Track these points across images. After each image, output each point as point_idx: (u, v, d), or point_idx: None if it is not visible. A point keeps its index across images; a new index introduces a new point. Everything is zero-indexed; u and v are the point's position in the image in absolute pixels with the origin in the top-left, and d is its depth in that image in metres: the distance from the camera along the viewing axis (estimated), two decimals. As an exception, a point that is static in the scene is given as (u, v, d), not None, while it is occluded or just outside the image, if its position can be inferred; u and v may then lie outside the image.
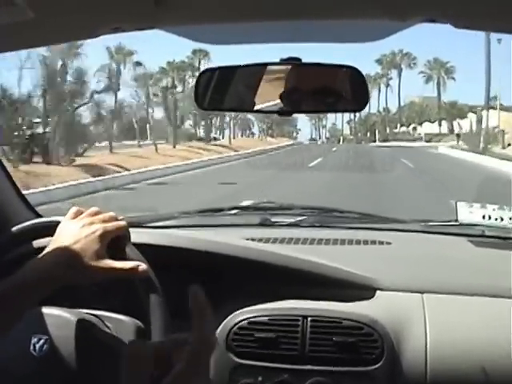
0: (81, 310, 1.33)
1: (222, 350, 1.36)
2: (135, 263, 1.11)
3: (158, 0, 0.92)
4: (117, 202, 10.18)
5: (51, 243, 1.11)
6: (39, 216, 1.74)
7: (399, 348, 1.32)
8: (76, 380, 1.19)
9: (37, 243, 1.29)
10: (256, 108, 1.19)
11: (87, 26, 0.99)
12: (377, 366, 1.30)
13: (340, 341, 1.31)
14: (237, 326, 1.37)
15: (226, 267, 1.48)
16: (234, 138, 40.48)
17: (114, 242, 1.13)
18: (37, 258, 1.07)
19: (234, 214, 2.18)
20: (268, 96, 1.17)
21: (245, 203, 2.29)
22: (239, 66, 1.18)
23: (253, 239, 1.74)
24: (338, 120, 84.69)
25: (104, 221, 1.13)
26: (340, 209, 2.18)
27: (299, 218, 2.06)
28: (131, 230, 1.69)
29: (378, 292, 1.44)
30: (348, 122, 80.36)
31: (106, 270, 1.08)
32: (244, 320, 1.37)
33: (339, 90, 1.16)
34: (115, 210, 1.27)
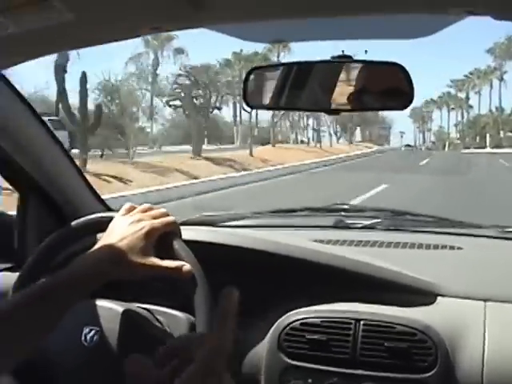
0: (135, 303, 1.37)
1: (273, 349, 1.36)
2: (180, 263, 1.11)
3: (194, 0, 0.93)
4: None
5: (102, 239, 1.14)
6: (110, 210, 1.81)
7: (454, 357, 1.27)
8: (123, 372, 1.22)
9: (92, 238, 1.34)
10: (304, 107, 1.18)
11: (127, 26, 1.01)
12: (430, 373, 1.25)
13: (392, 346, 1.27)
14: (289, 326, 1.36)
15: (286, 268, 1.48)
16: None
17: (162, 239, 1.14)
18: (86, 253, 1.10)
19: (306, 215, 2.18)
20: (316, 94, 1.16)
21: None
22: (287, 64, 1.18)
23: (322, 241, 1.73)
24: (444, 122, 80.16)
25: (153, 217, 1.15)
26: (413, 212, 2.13)
27: (373, 221, 2.03)
28: (204, 228, 1.74)
29: (438, 298, 1.39)
30: (455, 125, 75.28)
31: (151, 267, 1.09)
32: (296, 321, 1.36)
33: (386, 87, 1.13)
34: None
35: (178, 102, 29.09)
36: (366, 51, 1.15)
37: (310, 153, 31.63)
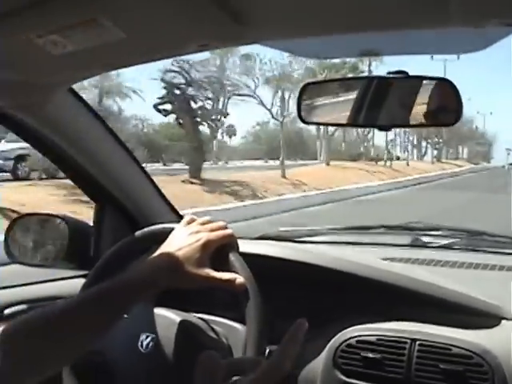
0: (195, 313, 1.40)
1: (329, 366, 1.35)
2: (233, 275, 1.14)
3: (239, 18, 0.95)
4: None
5: (161, 248, 1.18)
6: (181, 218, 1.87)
7: None
8: (175, 380, 1.25)
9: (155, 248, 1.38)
10: (356, 123, 1.17)
11: (175, 43, 1.04)
12: None
13: (447, 368, 1.23)
14: (345, 343, 1.35)
15: (350, 285, 1.46)
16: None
17: (219, 251, 1.17)
18: (143, 261, 1.15)
19: (382, 233, 2.15)
20: (368, 109, 1.15)
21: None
22: (341, 79, 1.18)
23: (395, 259, 1.71)
24: None
25: (211, 230, 1.18)
26: (490, 232, 2.05)
27: (450, 241, 1.98)
28: (278, 243, 1.76)
29: (503, 321, 1.33)
30: None
31: (205, 278, 1.12)
32: (352, 338, 1.34)
33: (436, 103, 1.10)
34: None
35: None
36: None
37: (373, 173, 27.83)
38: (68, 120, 1.44)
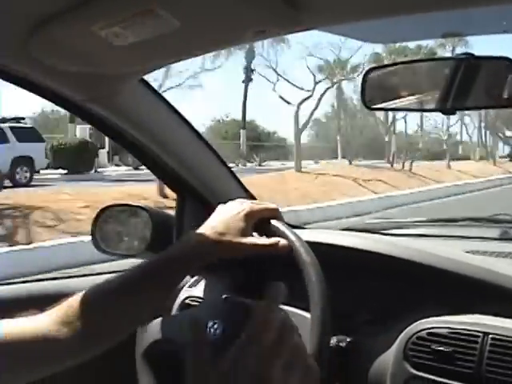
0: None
1: (399, 359, 1.32)
2: (275, 239, 1.15)
3: (295, 2, 0.95)
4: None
5: (205, 222, 1.21)
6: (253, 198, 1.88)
7: None
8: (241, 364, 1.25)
9: None
10: (422, 107, 1.14)
11: (231, 31, 1.04)
12: None
13: None
14: (415, 335, 1.31)
15: (427, 278, 1.43)
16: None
17: (262, 222, 1.20)
18: (189, 236, 1.19)
19: (467, 225, 2.08)
20: (433, 93, 1.11)
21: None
22: (406, 62, 1.15)
23: (479, 252, 1.65)
24: None
25: (254, 203, 1.22)
26: None
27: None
28: (361, 234, 1.74)
29: None
30: None
31: (248, 246, 1.15)
32: (423, 330, 1.30)
33: (504, 84, 1.05)
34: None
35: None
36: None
37: (389, 180, 21.25)
38: (141, 110, 1.47)
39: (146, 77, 1.37)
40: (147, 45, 1.07)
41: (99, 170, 24.46)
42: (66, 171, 21.91)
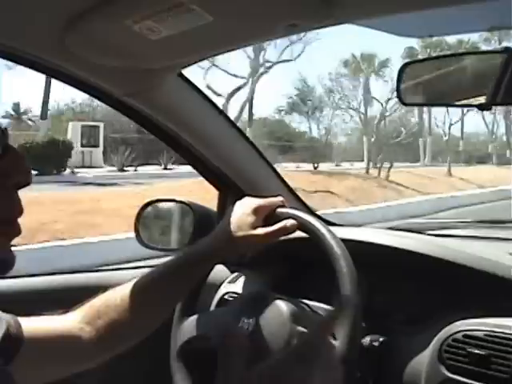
0: (303, 299, 1.39)
1: (433, 361, 1.29)
2: (283, 222, 1.23)
3: None
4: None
5: (221, 222, 1.29)
6: (306, 207, 1.87)
7: None
8: (275, 362, 1.25)
9: None
10: (459, 102, 1.11)
11: (262, 25, 1.04)
12: None
13: None
14: (451, 337, 1.28)
15: (466, 279, 1.40)
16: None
17: (272, 214, 1.27)
18: (207, 236, 1.27)
19: (513, 228, 2.02)
20: (471, 88, 1.09)
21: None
22: (442, 57, 1.12)
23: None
24: None
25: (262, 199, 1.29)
26: None
27: None
28: (408, 234, 1.71)
29: None
30: None
31: (260, 237, 1.22)
32: (459, 332, 1.27)
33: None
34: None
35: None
36: None
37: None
38: (180, 105, 1.48)
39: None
40: (182, 39, 1.08)
41: (76, 170, 22.69)
42: (36, 172, 19.06)
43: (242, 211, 1.25)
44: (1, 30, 1.07)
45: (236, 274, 1.73)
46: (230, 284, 1.70)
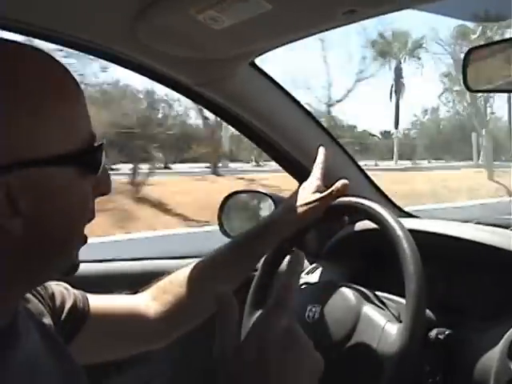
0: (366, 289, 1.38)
1: (503, 357, 1.25)
2: (331, 189, 1.28)
3: None
4: None
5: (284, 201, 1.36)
6: (391, 202, 1.84)
7: None
8: (339, 350, 1.25)
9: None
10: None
11: (322, 11, 1.04)
12: None
13: None
14: None
15: None
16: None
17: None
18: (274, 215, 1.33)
19: None
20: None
21: None
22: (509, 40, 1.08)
23: None
24: None
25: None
26: None
27: None
28: (491, 228, 1.66)
29: None
30: None
31: (316, 207, 1.27)
32: None
33: None
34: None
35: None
36: None
37: None
38: (254, 94, 1.50)
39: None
40: (245, 29, 1.11)
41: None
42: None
43: (302, 190, 1.30)
44: (76, 24, 1.14)
45: (314, 265, 1.74)
46: (308, 275, 1.71)
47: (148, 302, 1.18)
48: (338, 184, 1.28)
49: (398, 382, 1.11)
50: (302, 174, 1.77)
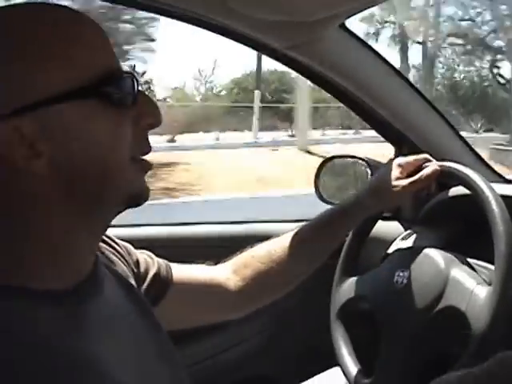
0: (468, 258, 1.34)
1: None
2: (418, 174, 1.28)
3: None
4: None
5: (370, 181, 1.40)
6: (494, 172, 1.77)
7: None
8: (427, 314, 1.23)
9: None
10: None
11: None
12: None
13: None
14: None
15: None
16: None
17: (418, 170, 1.30)
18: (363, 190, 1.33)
19: None
20: None
21: None
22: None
23: None
24: None
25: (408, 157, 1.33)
26: None
27: None
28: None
29: None
30: None
31: (405, 187, 1.27)
32: None
33: None
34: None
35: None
36: None
37: None
38: (345, 57, 1.47)
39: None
40: None
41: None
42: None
43: (388, 168, 1.30)
44: None
45: (409, 231, 1.71)
46: (402, 241, 1.69)
47: (228, 275, 1.20)
48: (429, 170, 1.28)
49: (487, 346, 1.08)
50: (399, 140, 1.74)
